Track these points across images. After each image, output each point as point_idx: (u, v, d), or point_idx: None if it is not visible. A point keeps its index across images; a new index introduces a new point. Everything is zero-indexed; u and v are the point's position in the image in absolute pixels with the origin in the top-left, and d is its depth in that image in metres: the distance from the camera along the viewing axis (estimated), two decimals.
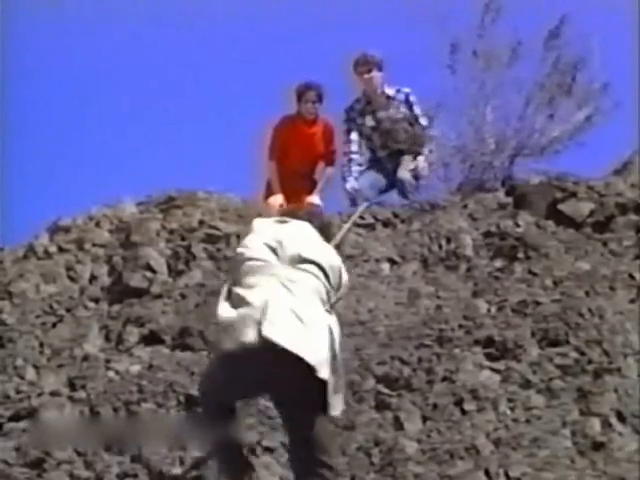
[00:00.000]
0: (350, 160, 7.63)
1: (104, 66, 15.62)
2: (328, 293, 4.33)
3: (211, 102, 16.57)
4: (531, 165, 7.47)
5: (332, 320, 4.27)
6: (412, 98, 7.69)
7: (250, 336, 4.07)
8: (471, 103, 7.60)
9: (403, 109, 7.65)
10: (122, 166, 15.40)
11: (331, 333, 4.19)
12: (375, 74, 7.63)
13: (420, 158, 7.58)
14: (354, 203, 7.43)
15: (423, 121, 7.67)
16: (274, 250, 4.32)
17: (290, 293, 4.20)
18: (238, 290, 4.25)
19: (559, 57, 7.65)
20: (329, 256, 4.43)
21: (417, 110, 7.68)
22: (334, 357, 4.15)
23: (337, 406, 4.16)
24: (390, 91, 7.71)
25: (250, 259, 4.33)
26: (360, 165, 7.67)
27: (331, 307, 4.35)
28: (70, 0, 13.53)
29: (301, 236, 4.44)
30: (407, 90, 7.71)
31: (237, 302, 4.21)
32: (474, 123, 7.57)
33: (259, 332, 4.06)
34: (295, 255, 4.31)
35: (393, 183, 7.61)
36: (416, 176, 7.55)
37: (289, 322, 4.11)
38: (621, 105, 7.57)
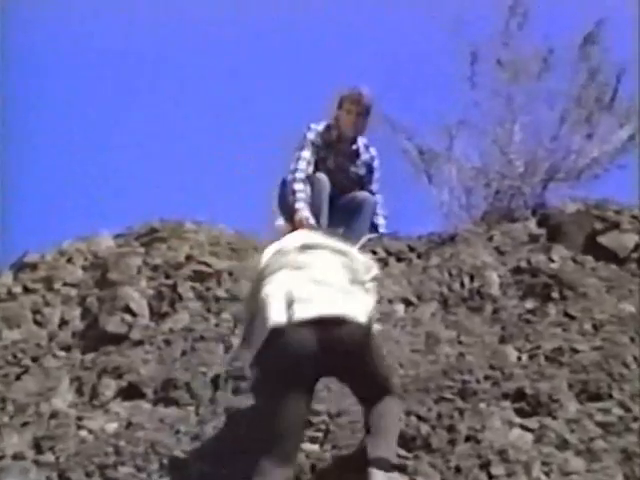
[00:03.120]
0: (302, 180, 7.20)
1: (78, 86, 15.82)
2: (352, 267, 4.93)
3: (198, 122, 16.72)
4: (566, 191, 7.47)
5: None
6: (375, 163, 7.63)
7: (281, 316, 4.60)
8: (496, 120, 7.62)
9: (362, 171, 7.57)
10: (98, 194, 15.46)
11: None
12: (363, 120, 7.45)
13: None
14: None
15: (375, 187, 7.57)
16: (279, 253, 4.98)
17: (305, 270, 4.81)
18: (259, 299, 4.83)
19: (597, 67, 7.68)
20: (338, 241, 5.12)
21: (375, 177, 7.61)
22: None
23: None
24: (361, 142, 7.58)
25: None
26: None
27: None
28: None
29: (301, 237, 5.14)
30: (374, 153, 7.62)
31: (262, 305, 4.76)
32: (500, 143, 7.58)
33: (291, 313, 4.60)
34: (299, 245, 4.96)
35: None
36: None
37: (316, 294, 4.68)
38: None
